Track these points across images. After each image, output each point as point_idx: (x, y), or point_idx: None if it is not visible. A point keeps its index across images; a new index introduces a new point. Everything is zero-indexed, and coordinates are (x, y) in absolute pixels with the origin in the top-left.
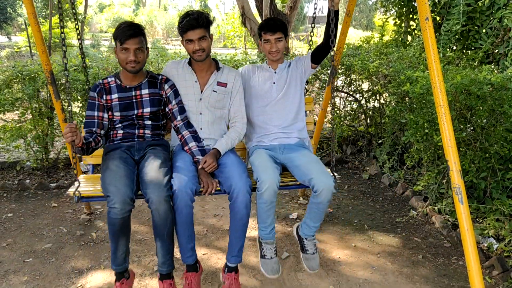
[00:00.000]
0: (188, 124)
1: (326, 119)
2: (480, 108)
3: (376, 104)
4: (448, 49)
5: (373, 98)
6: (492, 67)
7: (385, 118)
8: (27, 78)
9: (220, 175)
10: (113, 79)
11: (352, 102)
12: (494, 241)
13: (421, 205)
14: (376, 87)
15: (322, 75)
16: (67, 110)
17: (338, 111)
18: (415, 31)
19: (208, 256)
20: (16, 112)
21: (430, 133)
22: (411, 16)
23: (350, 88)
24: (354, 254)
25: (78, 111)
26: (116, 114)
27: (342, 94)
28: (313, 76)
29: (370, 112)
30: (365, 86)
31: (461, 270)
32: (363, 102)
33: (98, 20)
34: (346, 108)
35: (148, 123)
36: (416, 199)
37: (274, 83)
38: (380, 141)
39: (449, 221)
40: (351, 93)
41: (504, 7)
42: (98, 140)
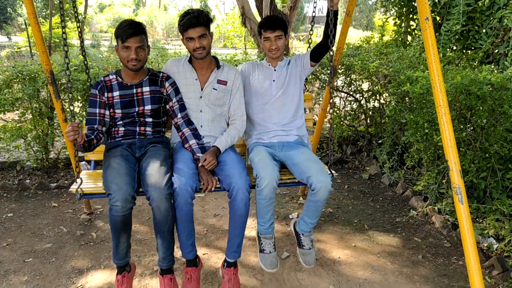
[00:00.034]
0: (188, 121)
1: (326, 119)
2: (480, 108)
3: (376, 104)
4: (448, 49)
5: (373, 98)
6: (492, 67)
7: (385, 118)
8: (27, 78)
9: (220, 173)
10: (114, 76)
11: (352, 102)
12: (494, 241)
13: (421, 205)
14: (376, 87)
15: (322, 75)
16: (69, 109)
17: (338, 111)
18: (415, 31)
19: (208, 256)
20: (16, 112)
21: (430, 133)
22: (411, 16)
23: (350, 88)
24: (354, 254)
25: (78, 111)
26: (118, 111)
27: (342, 94)
28: (313, 76)
29: (370, 112)
30: (365, 86)
31: (461, 270)
32: (363, 102)
33: (98, 20)
34: (346, 108)
35: (149, 120)
36: (416, 199)
37: (273, 80)
38: (380, 141)
39: (449, 221)
40: (351, 93)
41: (504, 7)
42: (100, 137)
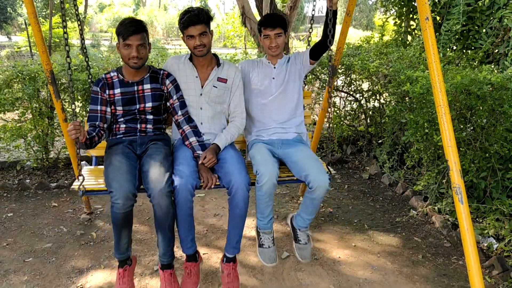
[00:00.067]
0: (188, 119)
1: (326, 119)
2: (480, 108)
3: (376, 104)
4: (448, 49)
5: (373, 98)
6: (492, 67)
7: (385, 118)
8: (27, 77)
9: (219, 170)
10: (115, 73)
11: (352, 102)
12: (494, 240)
13: (421, 204)
14: (376, 87)
15: (322, 75)
16: (71, 108)
17: (338, 111)
18: (415, 31)
19: (208, 256)
20: (16, 112)
21: (430, 133)
22: (411, 16)
23: (350, 88)
24: (354, 253)
25: (78, 111)
26: (119, 108)
27: (342, 94)
28: (313, 76)
29: (370, 112)
30: (365, 86)
31: (461, 269)
32: (363, 102)
33: (98, 20)
34: (346, 108)
35: (150, 117)
36: (416, 199)
37: (273, 78)
38: (380, 141)
39: (449, 220)
40: (351, 93)
41: (504, 7)
42: (101, 134)
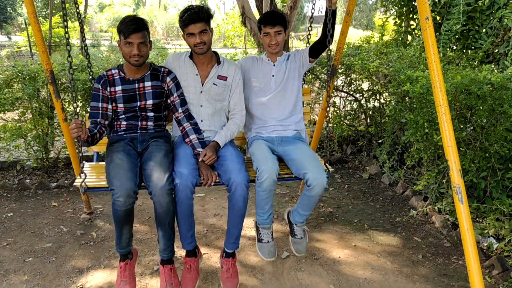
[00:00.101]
0: (189, 116)
1: (326, 119)
2: (480, 108)
3: (376, 104)
4: (448, 48)
5: (373, 97)
6: (492, 66)
7: (385, 117)
8: (27, 77)
9: (219, 168)
10: (116, 71)
11: (352, 102)
12: (494, 240)
13: (421, 204)
14: (376, 86)
15: (322, 75)
16: (73, 107)
17: (338, 111)
18: (415, 31)
19: (208, 256)
20: (16, 111)
21: (430, 132)
22: (411, 15)
23: (350, 88)
24: (354, 253)
25: (78, 111)
26: (120, 105)
27: (342, 93)
28: (313, 76)
29: (370, 112)
30: (365, 85)
31: (461, 269)
32: (363, 101)
33: (98, 19)
34: (346, 108)
35: (151, 114)
36: (416, 198)
37: (273, 76)
38: (380, 140)
39: (449, 220)
40: (351, 92)
41: (504, 6)
42: (103, 131)
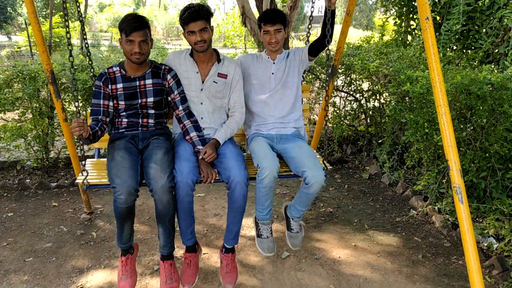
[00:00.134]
0: (189, 113)
1: (326, 119)
2: (480, 108)
3: (376, 104)
4: (448, 48)
5: (373, 97)
6: (492, 66)
7: (385, 117)
8: (28, 77)
9: (219, 165)
10: (118, 68)
11: (352, 102)
12: (494, 240)
13: (421, 204)
14: (376, 86)
15: (322, 75)
16: (74, 106)
17: (338, 111)
18: (415, 31)
19: (209, 256)
20: (17, 111)
21: (430, 132)
22: (411, 15)
23: (350, 88)
24: (354, 253)
25: (79, 110)
26: (121, 103)
27: (342, 93)
28: (313, 76)
29: (370, 112)
30: (365, 85)
31: (461, 269)
32: (363, 101)
33: (98, 19)
34: (346, 108)
35: (152, 112)
36: (416, 198)
37: (272, 73)
38: (380, 140)
39: (449, 220)
40: (351, 92)
41: (504, 6)
42: (104, 128)
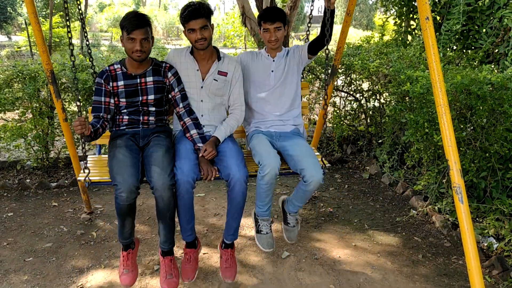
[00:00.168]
0: (190, 111)
1: (324, 117)
2: (480, 108)
3: (376, 104)
4: (448, 48)
5: (373, 97)
6: (492, 66)
7: (385, 117)
8: (28, 77)
9: (219, 163)
10: (119, 66)
11: (352, 102)
12: (494, 240)
13: (421, 204)
14: (376, 86)
15: (322, 74)
16: (76, 105)
17: (338, 111)
18: (415, 31)
19: (209, 256)
20: (17, 111)
21: (430, 132)
22: (411, 15)
23: (350, 88)
24: (354, 253)
25: (77, 112)
26: (122, 100)
27: (342, 93)
28: (313, 75)
29: (370, 112)
30: (365, 85)
31: (461, 269)
32: (363, 101)
33: (98, 19)
34: (346, 108)
35: (152, 109)
36: (416, 198)
37: (272, 71)
38: (380, 140)
39: (449, 220)
40: (351, 92)
41: (504, 6)
42: (105, 125)
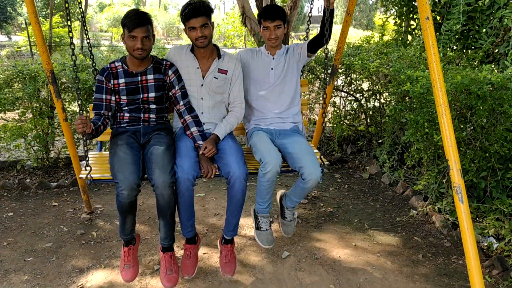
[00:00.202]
0: (190, 109)
1: (326, 119)
2: (480, 108)
3: (376, 104)
4: (448, 48)
5: (373, 97)
6: (492, 66)
7: (385, 117)
8: (28, 77)
9: (219, 161)
10: (120, 63)
11: (352, 102)
12: (494, 240)
13: (421, 204)
14: (376, 86)
15: (322, 74)
16: (77, 104)
17: (338, 111)
18: (416, 31)
19: (209, 256)
20: (17, 111)
21: (430, 132)
22: (411, 15)
23: (350, 88)
24: (354, 253)
25: (78, 111)
26: (123, 97)
27: (342, 93)
28: (313, 75)
29: (370, 112)
30: (365, 85)
31: (461, 269)
32: (363, 101)
33: (98, 19)
34: (346, 108)
35: (153, 107)
36: (416, 198)
37: (272, 69)
38: (380, 140)
39: (449, 220)
40: (351, 92)
41: (504, 6)
42: (106, 123)
